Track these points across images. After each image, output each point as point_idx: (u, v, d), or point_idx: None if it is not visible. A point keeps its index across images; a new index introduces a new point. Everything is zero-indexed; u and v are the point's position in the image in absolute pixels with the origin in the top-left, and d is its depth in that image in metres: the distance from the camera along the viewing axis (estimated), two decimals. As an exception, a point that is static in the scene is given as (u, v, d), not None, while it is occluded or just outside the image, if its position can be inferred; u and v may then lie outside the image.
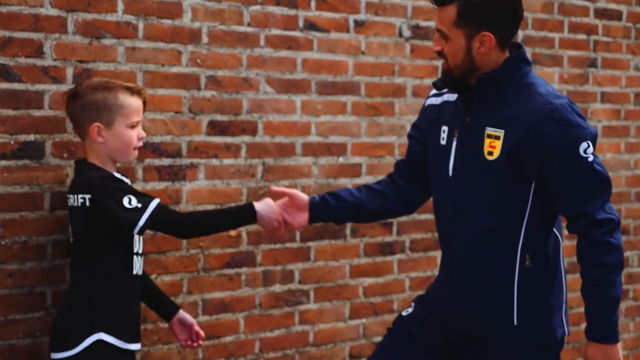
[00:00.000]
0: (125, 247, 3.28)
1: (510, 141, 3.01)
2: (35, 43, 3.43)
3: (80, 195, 3.21)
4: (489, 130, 3.06)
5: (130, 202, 3.16)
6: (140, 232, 3.21)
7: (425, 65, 4.52)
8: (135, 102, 3.30)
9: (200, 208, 3.88)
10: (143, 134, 3.35)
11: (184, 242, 3.84)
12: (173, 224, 3.24)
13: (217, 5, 3.89)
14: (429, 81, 4.52)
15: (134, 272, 3.31)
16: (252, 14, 3.99)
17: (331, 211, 3.37)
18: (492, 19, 3.01)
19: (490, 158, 3.05)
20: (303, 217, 3.36)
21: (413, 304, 3.39)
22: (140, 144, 3.35)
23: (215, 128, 3.90)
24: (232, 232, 3.96)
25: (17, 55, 3.40)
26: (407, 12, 4.45)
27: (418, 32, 4.49)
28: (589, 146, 2.94)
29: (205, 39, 3.86)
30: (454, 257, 3.19)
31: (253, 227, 4.02)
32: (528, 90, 3.05)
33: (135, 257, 3.31)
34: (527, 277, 3.07)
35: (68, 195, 3.29)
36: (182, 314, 3.56)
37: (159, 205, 3.20)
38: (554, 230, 3.12)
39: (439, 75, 4.50)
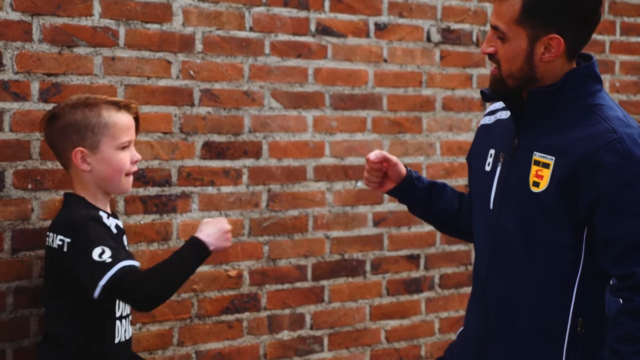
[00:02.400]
0: (103, 311, 2.75)
1: (561, 172, 2.47)
2: (-8, 53, 2.90)
3: (59, 237, 2.72)
4: (537, 156, 2.53)
5: (101, 254, 2.64)
6: (100, 296, 2.64)
7: (458, 74, 3.94)
8: (123, 118, 2.82)
9: (194, 244, 3.32)
10: (138, 156, 2.86)
11: (174, 285, 3.28)
12: (133, 293, 2.66)
13: (213, 7, 3.33)
14: (461, 92, 3.94)
15: (116, 339, 2.78)
16: (255, 17, 3.42)
17: (418, 204, 2.89)
18: (564, 19, 2.46)
19: (535, 190, 2.52)
20: (385, 185, 2.85)
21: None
22: (135, 168, 2.86)
23: (212, 150, 3.35)
24: (231, 272, 3.40)
25: (-29, 68, 2.87)
26: (436, 13, 3.88)
27: (449, 36, 3.91)
28: None
29: (199, 47, 3.30)
30: (489, 310, 2.62)
31: (256, 266, 3.46)
32: (592, 113, 2.50)
33: (118, 322, 2.80)
34: (579, 347, 2.51)
35: (47, 233, 2.78)
36: None
37: (130, 267, 2.65)
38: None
39: (474, 85, 3.94)
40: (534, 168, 2.52)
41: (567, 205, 2.46)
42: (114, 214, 2.92)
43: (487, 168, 2.67)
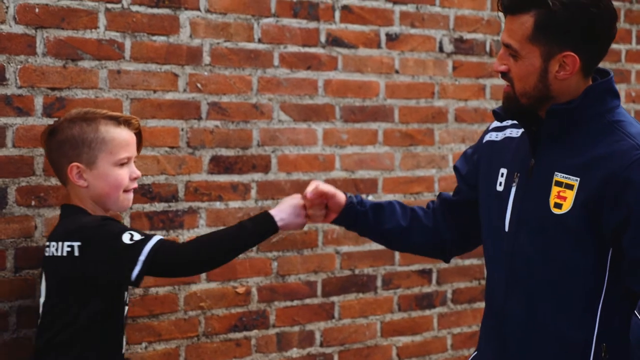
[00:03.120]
0: (113, 320, 2.71)
1: (586, 192, 2.38)
2: (-5, 67, 2.84)
3: (67, 243, 2.64)
4: (559, 177, 2.43)
5: (132, 237, 2.60)
6: (139, 275, 2.59)
7: (470, 85, 3.87)
8: (122, 134, 2.75)
9: (201, 261, 3.25)
10: (137, 172, 2.79)
11: (181, 303, 3.22)
12: (176, 257, 2.64)
13: (221, 18, 3.26)
14: (474, 104, 3.86)
15: (123, 350, 2.76)
16: (264, 28, 3.35)
17: (365, 228, 2.81)
18: (579, 37, 2.37)
19: (557, 212, 2.42)
20: (328, 216, 2.80)
21: None
22: (134, 185, 2.79)
23: (219, 165, 3.27)
24: (240, 289, 3.33)
25: (-27, 82, 2.80)
26: (448, 22, 3.80)
27: (461, 46, 3.83)
28: None
29: (206, 59, 3.23)
30: (506, 337, 2.53)
31: (265, 282, 3.39)
32: (613, 130, 2.41)
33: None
34: None
35: (48, 244, 2.69)
36: None
37: (160, 241, 2.63)
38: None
39: (487, 96, 3.86)
40: (555, 189, 2.43)
41: (591, 226, 2.38)
42: None
43: (499, 188, 2.57)
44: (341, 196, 2.75)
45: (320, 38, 3.50)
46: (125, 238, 2.59)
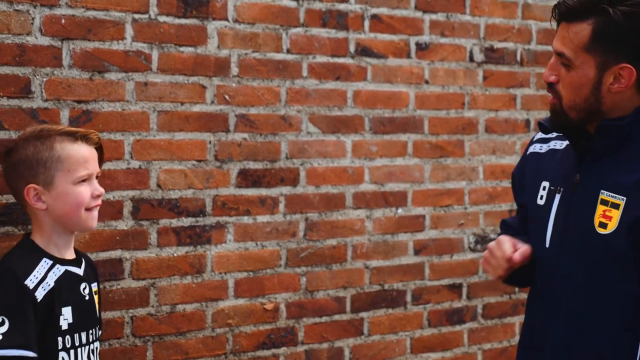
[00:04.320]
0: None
1: (633, 213, 2.28)
2: (20, 80, 2.76)
3: None
4: (605, 195, 2.33)
5: None
6: None
7: (501, 95, 3.78)
8: (80, 150, 2.57)
9: (229, 277, 3.17)
10: (100, 189, 2.60)
11: (209, 320, 3.14)
12: None
13: (249, 28, 3.18)
14: (504, 114, 3.78)
15: None
16: (293, 38, 3.27)
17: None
18: (637, 45, 2.27)
19: (602, 231, 2.32)
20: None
21: None
22: (97, 202, 2.60)
23: (247, 178, 3.19)
24: (268, 305, 3.25)
25: (-2, 96, 2.73)
26: (479, 31, 3.72)
27: (492, 55, 3.75)
28: None
29: (234, 70, 3.16)
30: (546, 355, 2.44)
31: (293, 298, 3.31)
32: None
33: (63, 353, 2.51)
34: None
35: None
36: None
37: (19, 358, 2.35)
38: None
39: (518, 106, 3.78)
40: (600, 208, 2.33)
41: (636, 248, 2.28)
42: (76, 258, 2.62)
43: (540, 202, 2.48)
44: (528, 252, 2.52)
45: (349, 48, 3.41)
46: None
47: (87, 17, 2.88)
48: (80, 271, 2.61)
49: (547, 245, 2.44)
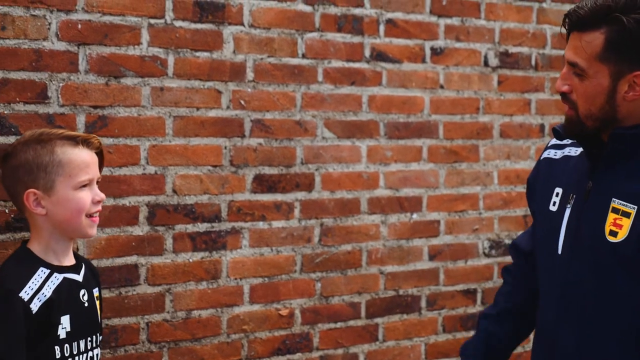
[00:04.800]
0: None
1: None
2: (37, 85, 2.75)
3: None
4: (616, 203, 2.32)
5: None
6: None
7: (516, 100, 3.76)
8: (81, 155, 2.52)
9: (244, 282, 3.16)
10: (100, 195, 2.55)
11: (224, 325, 3.12)
12: None
13: (264, 33, 3.17)
14: (519, 119, 3.76)
15: None
16: (308, 43, 3.26)
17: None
18: None
19: (612, 240, 2.31)
20: None
21: None
22: (98, 208, 2.55)
23: (263, 184, 3.18)
24: (283, 311, 3.24)
25: (14, 101, 2.72)
26: (494, 36, 3.70)
27: (507, 60, 3.73)
28: None
29: (250, 75, 3.15)
30: None
31: (308, 304, 3.29)
32: None
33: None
34: None
35: None
36: None
37: None
38: None
39: (532, 111, 3.77)
40: (611, 216, 2.32)
41: None
42: (75, 264, 2.57)
43: (553, 208, 2.47)
44: None
45: (364, 53, 3.40)
46: None
47: (103, 22, 2.87)
48: (79, 277, 2.55)
49: (560, 251, 2.43)
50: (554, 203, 2.47)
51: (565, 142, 2.56)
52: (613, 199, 2.32)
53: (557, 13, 3.88)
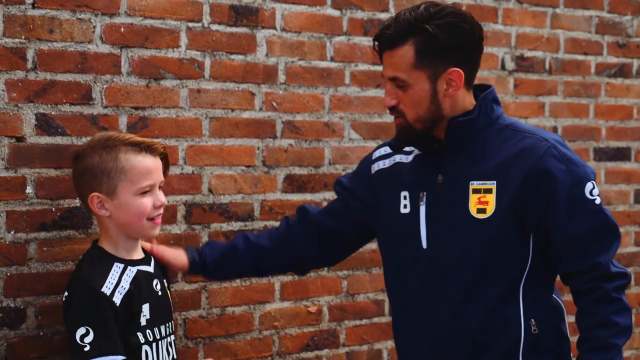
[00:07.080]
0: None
1: (507, 191, 2.52)
2: (82, 87, 2.81)
3: (66, 291, 2.60)
4: (475, 184, 2.56)
5: (83, 337, 2.47)
6: None
7: (531, 103, 3.87)
8: (144, 161, 2.61)
9: (275, 280, 3.24)
10: (162, 200, 2.65)
11: (256, 322, 3.21)
12: None
13: (295, 37, 3.25)
14: (534, 121, 3.87)
15: None
16: (336, 47, 3.35)
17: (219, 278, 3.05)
18: (458, 51, 2.52)
19: (481, 216, 2.54)
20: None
21: None
22: (159, 212, 2.65)
23: (293, 184, 3.27)
24: (312, 308, 3.32)
25: (60, 102, 2.78)
26: (510, 40, 3.80)
27: (523, 63, 3.84)
28: (594, 187, 2.55)
29: (282, 77, 3.23)
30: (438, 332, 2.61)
31: (335, 301, 3.38)
32: (511, 132, 2.58)
33: (146, 347, 2.61)
34: (536, 345, 2.55)
35: None
36: None
37: None
38: (554, 296, 2.65)
39: (546, 114, 3.88)
40: (474, 197, 2.54)
41: (516, 221, 2.50)
42: (145, 257, 2.70)
43: (404, 210, 2.66)
44: (182, 262, 2.81)
45: (389, 56, 3.48)
46: (78, 333, 2.48)
47: (144, 26, 2.93)
48: (150, 269, 2.69)
49: (425, 246, 2.60)
50: (405, 206, 2.66)
51: (389, 152, 2.75)
52: (471, 182, 2.55)
53: (570, 19, 3.99)
